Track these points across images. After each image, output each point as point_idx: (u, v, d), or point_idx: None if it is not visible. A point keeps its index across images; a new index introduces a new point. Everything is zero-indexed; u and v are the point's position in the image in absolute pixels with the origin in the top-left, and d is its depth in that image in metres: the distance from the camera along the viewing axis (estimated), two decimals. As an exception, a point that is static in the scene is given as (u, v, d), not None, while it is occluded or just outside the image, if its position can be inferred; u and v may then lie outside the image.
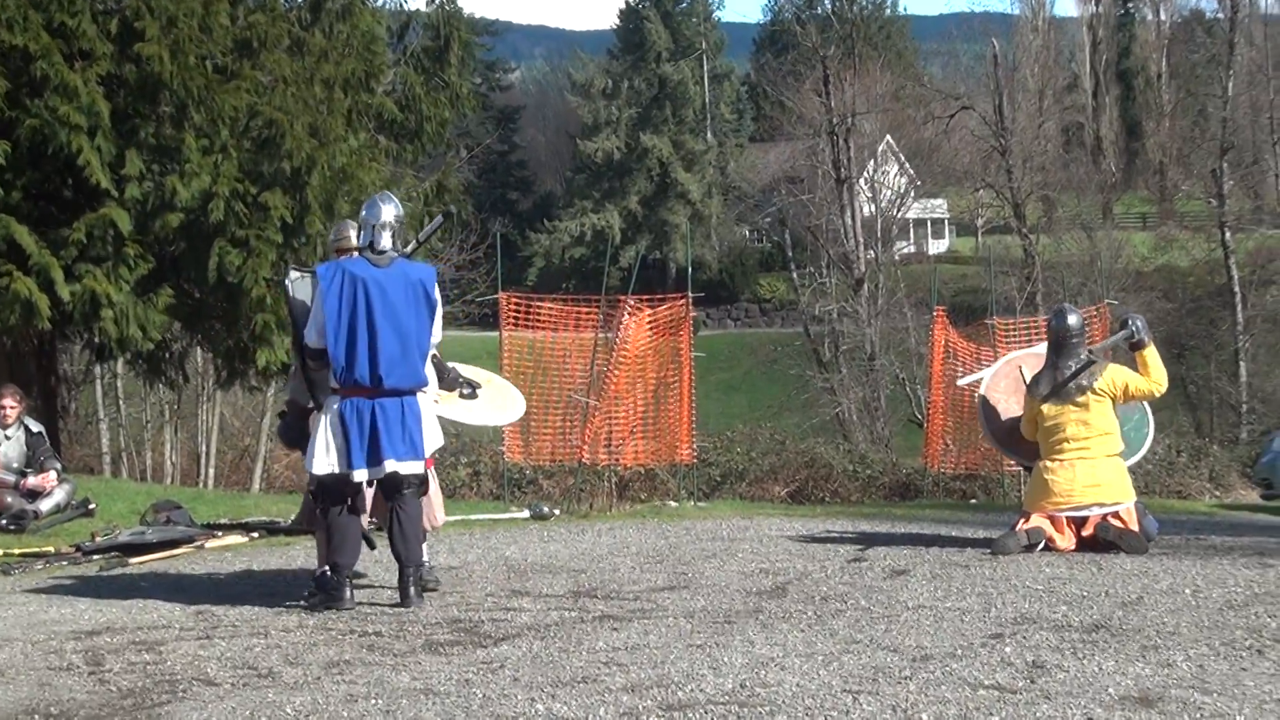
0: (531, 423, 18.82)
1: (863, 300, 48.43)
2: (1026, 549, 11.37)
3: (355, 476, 9.13)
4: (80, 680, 7.11)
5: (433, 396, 10.32)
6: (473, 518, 15.92)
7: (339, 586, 9.14)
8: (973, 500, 21.93)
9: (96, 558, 12.18)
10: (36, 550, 12.70)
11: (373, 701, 6.40)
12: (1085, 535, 11.48)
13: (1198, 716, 5.70)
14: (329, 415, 9.23)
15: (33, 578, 11.23)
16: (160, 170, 17.74)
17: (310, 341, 9.34)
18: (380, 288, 9.15)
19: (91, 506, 14.97)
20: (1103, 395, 11.69)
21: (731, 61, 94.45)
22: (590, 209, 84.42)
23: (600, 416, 18.57)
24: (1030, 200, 57.39)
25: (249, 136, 18.38)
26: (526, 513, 16.50)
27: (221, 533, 13.82)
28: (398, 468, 9.16)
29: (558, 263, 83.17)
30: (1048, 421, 11.77)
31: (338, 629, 8.42)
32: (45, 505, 14.52)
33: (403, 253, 9.51)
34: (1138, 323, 12.26)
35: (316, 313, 9.25)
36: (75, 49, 17.25)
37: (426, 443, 9.33)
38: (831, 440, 33.26)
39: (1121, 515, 11.49)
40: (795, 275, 59.02)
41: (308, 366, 9.61)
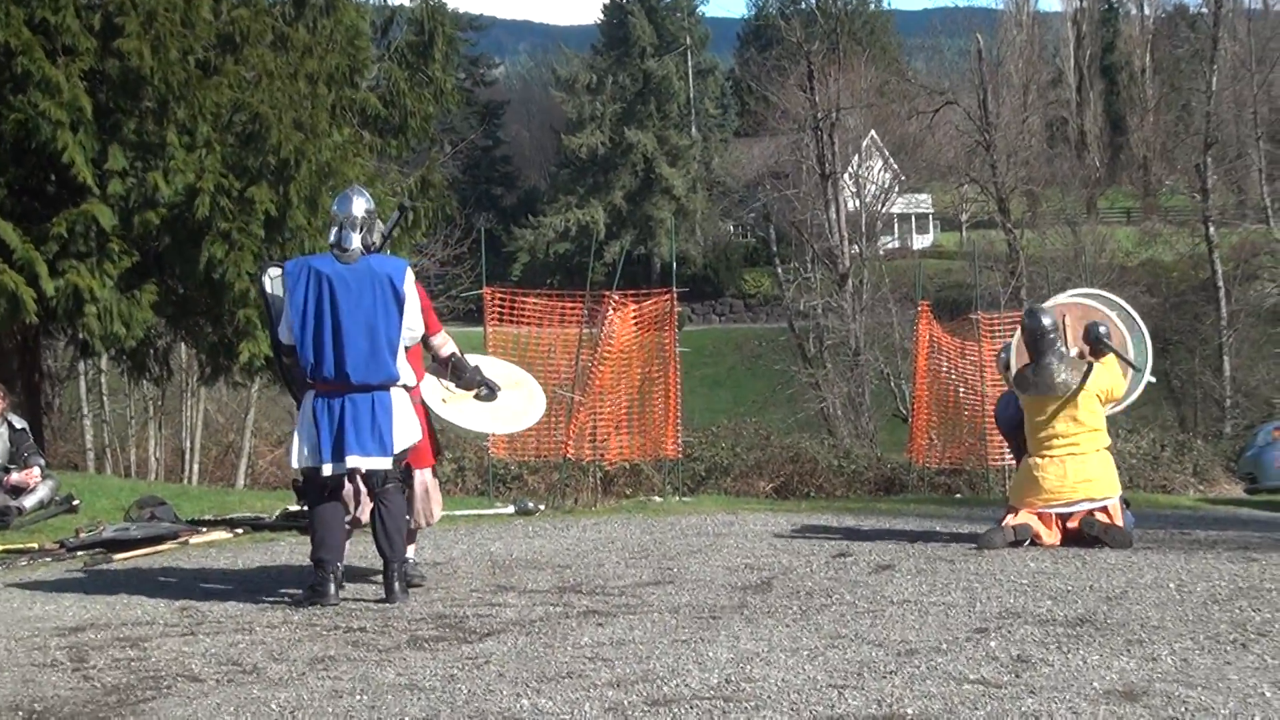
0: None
1: (847, 295, 48.48)
2: (1012, 545, 11.38)
3: (323, 470, 9.13)
4: (64, 677, 7.09)
5: (440, 396, 10.32)
6: (457, 513, 15.90)
7: (324, 582, 9.13)
8: (957, 495, 21.99)
9: (81, 554, 12.16)
10: (20, 546, 12.65)
11: (357, 697, 6.39)
12: (1070, 528, 11.49)
13: (1182, 710, 5.70)
14: (305, 410, 9.26)
15: (16, 574, 11.20)
16: (144, 166, 17.70)
17: (282, 339, 9.41)
18: (345, 284, 9.15)
19: (75, 503, 14.94)
20: (1091, 393, 11.71)
21: (716, 56, 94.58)
22: (575, 204, 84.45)
23: (585, 412, 18.58)
24: (1014, 195, 57.44)
25: (233, 131, 18.35)
26: (511, 508, 16.48)
27: (206, 529, 13.81)
28: (360, 463, 9.14)
29: (542, 258, 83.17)
30: (1037, 417, 11.78)
31: (322, 625, 8.41)
32: (29, 501, 14.49)
33: (373, 248, 9.49)
34: (1101, 329, 12.29)
35: (285, 310, 9.28)
36: (58, 44, 17.20)
37: (397, 439, 9.29)
38: (816, 435, 33.33)
39: (1109, 509, 11.51)
40: (780, 270, 59.00)
41: (283, 364, 9.63)
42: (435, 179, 22.72)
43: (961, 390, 23.29)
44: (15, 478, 14.54)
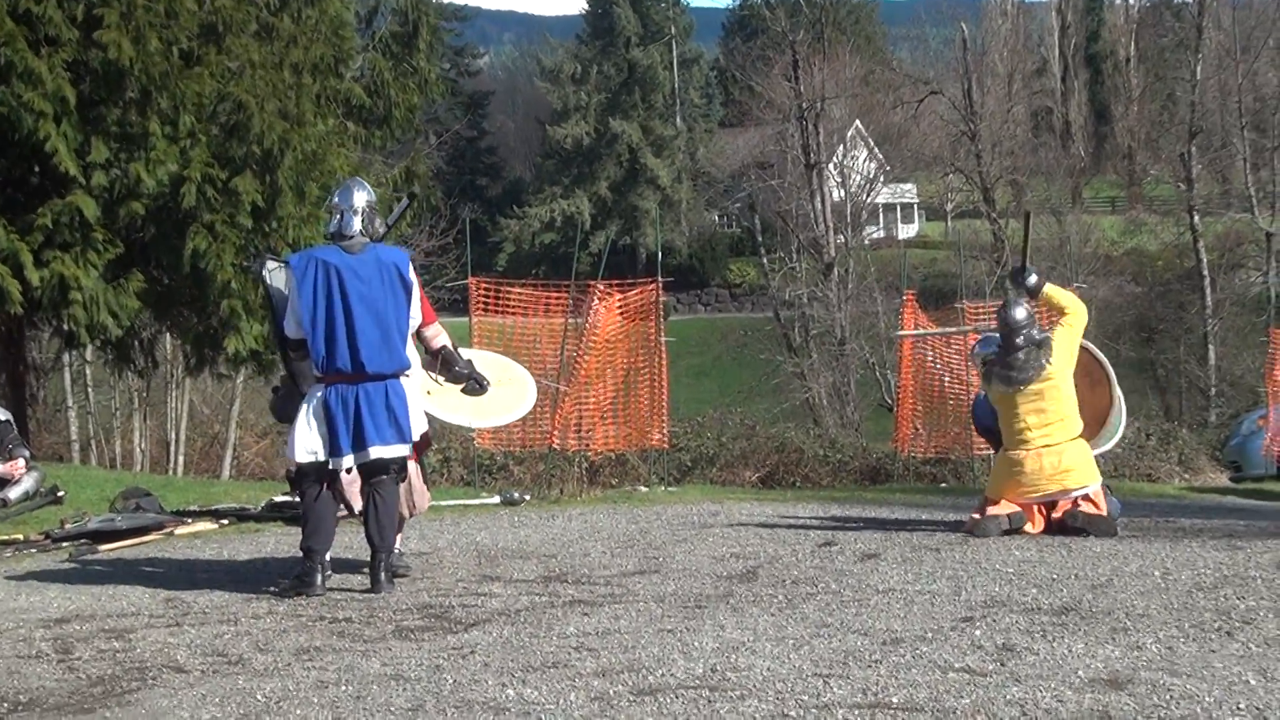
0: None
1: (832, 285, 48.53)
2: (1007, 533, 11.40)
3: (343, 463, 9.12)
4: (49, 668, 7.08)
5: (426, 388, 10.30)
6: (443, 504, 15.89)
7: (310, 572, 9.12)
8: (943, 484, 21.99)
9: (66, 545, 12.14)
10: (5, 538, 12.63)
11: (343, 688, 6.39)
12: (1055, 518, 11.51)
13: (1167, 698, 5.71)
14: (312, 403, 9.21)
15: (1, 565, 11.18)
16: (126, 157, 17.67)
17: (289, 333, 9.32)
18: (354, 274, 9.12)
19: (60, 494, 14.92)
20: (1055, 371, 11.69)
21: (700, 46, 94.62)
22: (560, 194, 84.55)
23: (570, 402, 18.58)
24: (999, 184, 57.56)
25: (217, 121, 18.32)
26: (497, 498, 16.48)
27: (191, 520, 13.79)
28: (383, 453, 9.15)
29: (527, 248, 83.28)
30: (1008, 412, 11.78)
31: (308, 615, 8.40)
32: (14, 493, 14.48)
33: (375, 237, 9.49)
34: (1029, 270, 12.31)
35: (293, 304, 9.22)
36: (41, 35, 17.16)
37: (414, 426, 9.32)
38: (802, 425, 33.33)
39: (1091, 497, 11.53)
40: (765, 260, 59.05)
41: (288, 357, 9.59)
42: (420, 170, 22.75)
43: (947, 379, 23.31)
44: (0, 469, 14.52)
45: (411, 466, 9.86)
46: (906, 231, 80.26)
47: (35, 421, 22.44)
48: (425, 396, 10.38)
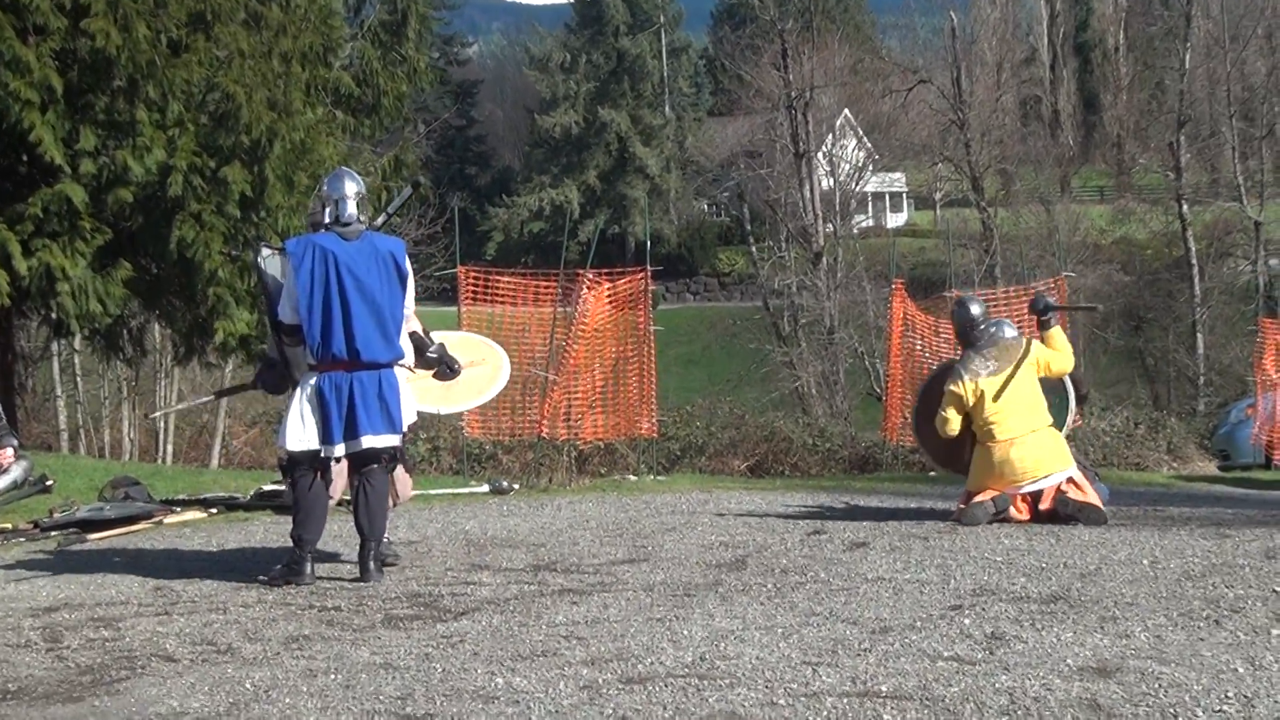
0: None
1: (821, 274, 48.46)
2: (995, 518, 11.41)
3: (335, 452, 9.11)
4: (38, 657, 7.08)
5: (402, 375, 10.30)
6: (432, 492, 15.90)
7: (300, 561, 9.12)
8: (931, 473, 21.98)
9: (54, 534, 12.15)
10: (-6, 527, 12.65)
11: (332, 676, 6.39)
12: (1044, 509, 11.51)
13: (1155, 687, 5.71)
14: (305, 390, 9.20)
15: (-10, 555, 11.19)
16: (114, 145, 17.62)
17: (284, 319, 9.30)
18: (351, 262, 9.11)
19: (49, 483, 14.85)
20: (1030, 367, 11.74)
21: (689, 35, 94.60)
22: (548, 183, 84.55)
23: (559, 391, 18.57)
24: (988, 173, 57.52)
25: (206, 110, 18.28)
26: (486, 487, 16.50)
27: (180, 508, 13.81)
28: (374, 442, 9.15)
29: (516, 237, 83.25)
30: (977, 407, 11.77)
31: (297, 604, 8.40)
32: (2, 482, 14.36)
33: (371, 225, 9.49)
34: (1050, 298, 12.45)
35: (289, 290, 9.20)
36: (29, 24, 17.11)
37: (405, 416, 9.32)
38: (791, 414, 33.25)
39: (1076, 481, 11.54)
40: (754, 249, 59.05)
41: (283, 343, 9.58)
42: (409, 159, 22.68)
43: (935, 369, 23.29)
44: (-12, 458, 14.49)
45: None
46: (895, 220, 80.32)
47: (24, 411, 22.43)
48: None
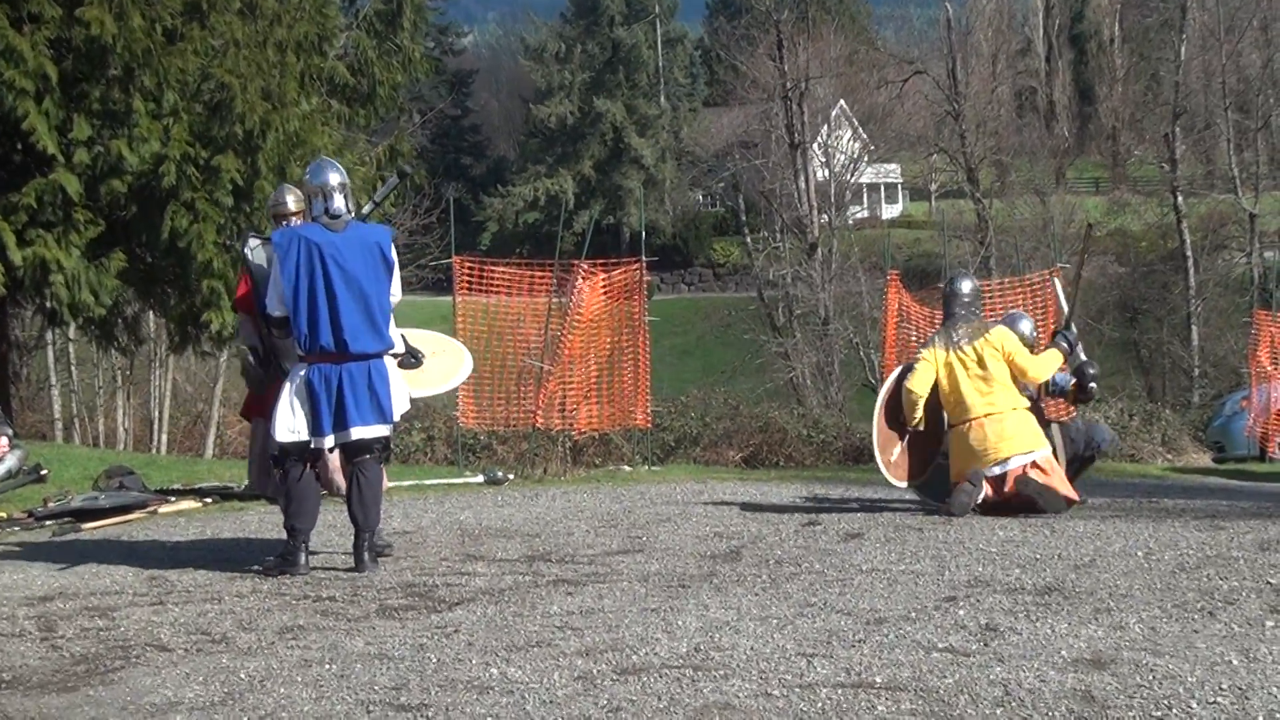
0: (485, 387, 18.84)
1: (816, 265, 48.52)
2: (975, 495, 11.37)
3: (325, 443, 9.10)
4: (33, 646, 7.07)
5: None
6: (427, 483, 15.90)
7: (295, 551, 9.12)
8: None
9: (49, 523, 12.13)
10: (-12, 516, 12.64)
11: (326, 666, 6.38)
12: (1008, 490, 11.46)
13: (1150, 678, 5.71)
14: (295, 382, 9.17)
15: (-16, 544, 11.18)
16: (110, 134, 17.61)
17: (271, 310, 9.24)
18: (338, 252, 9.07)
19: (44, 472, 14.88)
20: (997, 352, 11.72)
21: (685, 25, 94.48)
22: (544, 173, 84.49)
23: (554, 381, 18.55)
24: (983, 165, 57.59)
25: (200, 100, 18.26)
26: (481, 478, 16.49)
27: (175, 498, 13.80)
28: (364, 433, 9.13)
29: (511, 227, 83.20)
30: (948, 387, 11.77)
31: (291, 594, 8.39)
32: (-4, 471, 14.44)
33: (358, 215, 9.47)
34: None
35: (275, 280, 9.16)
36: (23, 13, 17.09)
37: (396, 406, 9.30)
38: (785, 405, 33.25)
39: (1040, 464, 11.51)
40: (749, 240, 59.11)
41: (271, 334, 9.55)
42: (404, 148, 22.69)
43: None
44: (-18, 448, 14.49)
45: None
46: (890, 211, 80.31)
47: (18, 400, 22.43)
48: None
